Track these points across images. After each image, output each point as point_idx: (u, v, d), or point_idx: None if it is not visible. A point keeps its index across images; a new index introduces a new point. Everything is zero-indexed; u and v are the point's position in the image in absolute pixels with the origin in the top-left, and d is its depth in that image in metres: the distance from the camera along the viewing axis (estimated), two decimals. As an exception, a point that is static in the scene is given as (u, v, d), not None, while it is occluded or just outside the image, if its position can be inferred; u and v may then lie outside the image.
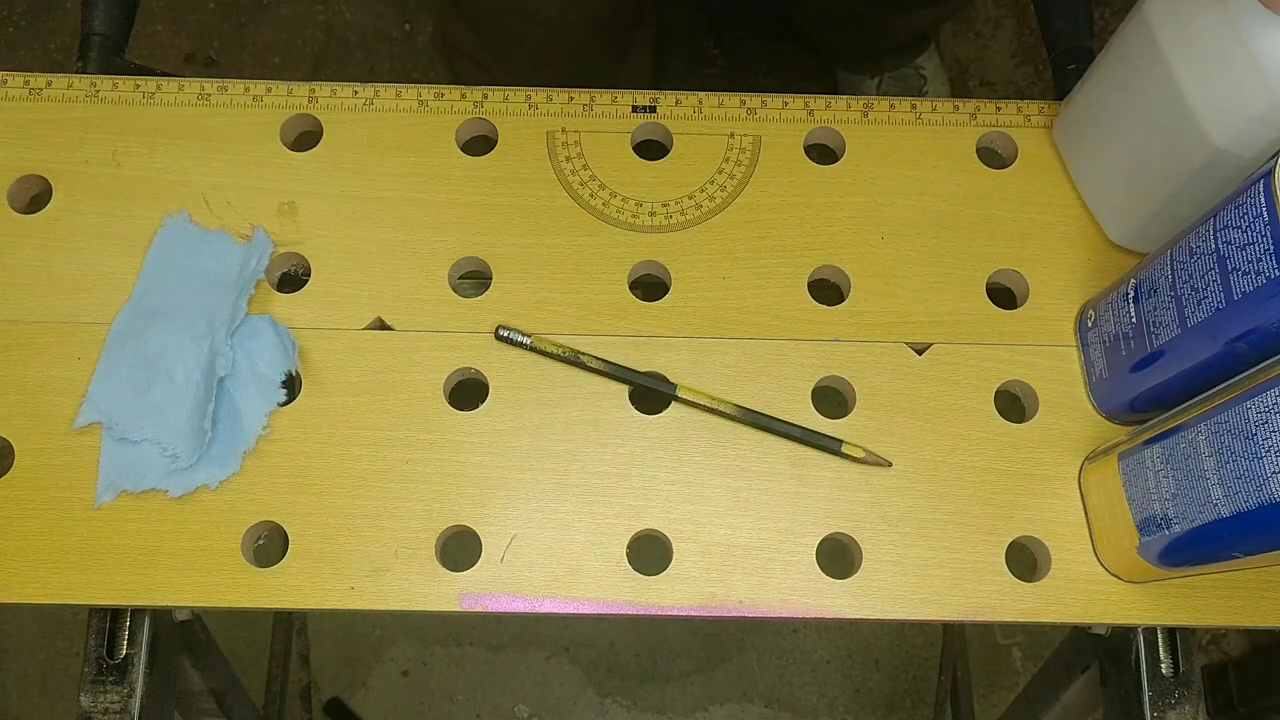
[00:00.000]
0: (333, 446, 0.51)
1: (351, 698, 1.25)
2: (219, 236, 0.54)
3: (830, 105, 0.58)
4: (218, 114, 0.57)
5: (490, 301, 0.54)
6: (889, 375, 0.53)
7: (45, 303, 0.53)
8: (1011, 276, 0.55)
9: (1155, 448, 0.45)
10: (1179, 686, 0.50)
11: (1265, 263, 0.40)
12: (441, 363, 0.52)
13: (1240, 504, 0.40)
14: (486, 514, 0.50)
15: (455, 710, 1.26)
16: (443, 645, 1.27)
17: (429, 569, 0.49)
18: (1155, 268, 0.47)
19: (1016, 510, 0.51)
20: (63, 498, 0.50)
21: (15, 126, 0.56)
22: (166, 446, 0.49)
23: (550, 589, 0.49)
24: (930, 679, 1.26)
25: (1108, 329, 0.51)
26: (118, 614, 0.50)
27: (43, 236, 0.54)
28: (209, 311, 0.52)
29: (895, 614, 0.49)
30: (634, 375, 0.50)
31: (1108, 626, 0.53)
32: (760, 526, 0.50)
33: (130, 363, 0.51)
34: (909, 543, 0.50)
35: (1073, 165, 0.57)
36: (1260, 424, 0.39)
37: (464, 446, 0.51)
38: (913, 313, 0.54)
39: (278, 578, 0.49)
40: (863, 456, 0.41)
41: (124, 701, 0.49)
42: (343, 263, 0.54)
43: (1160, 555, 0.46)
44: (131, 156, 0.56)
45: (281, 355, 0.51)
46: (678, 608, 0.49)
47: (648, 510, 0.50)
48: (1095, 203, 0.56)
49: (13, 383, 0.51)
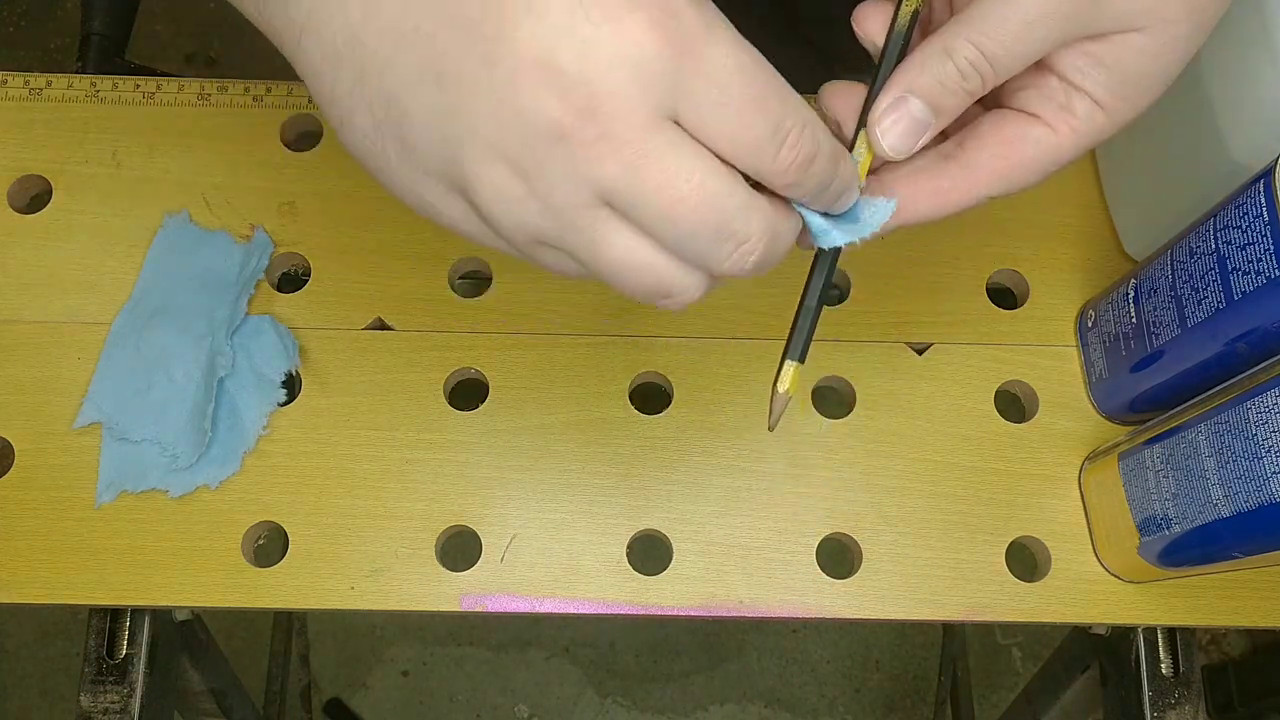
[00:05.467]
0: (333, 446, 0.51)
1: (351, 698, 1.25)
2: (219, 236, 0.54)
3: (830, 105, 0.58)
4: (218, 114, 0.57)
5: (490, 301, 0.54)
6: (889, 375, 0.53)
7: (45, 303, 0.53)
8: (1011, 276, 0.55)
9: (1155, 448, 0.45)
10: (1179, 686, 0.50)
11: (1265, 263, 0.40)
12: (441, 363, 0.52)
13: (1240, 504, 0.40)
14: (486, 514, 0.50)
15: (455, 710, 1.26)
16: (443, 645, 1.27)
17: (429, 569, 0.49)
18: (1155, 268, 0.47)
19: (1016, 510, 0.51)
20: (63, 498, 0.50)
21: (15, 126, 0.56)
22: (166, 446, 0.49)
23: (550, 589, 0.49)
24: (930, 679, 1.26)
25: (1108, 329, 0.51)
26: (118, 614, 0.50)
27: (43, 236, 0.54)
28: (209, 311, 0.52)
29: (895, 614, 0.49)
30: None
31: (1108, 626, 0.53)
32: (760, 526, 0.50)
33: (130, 363, 0.51)
34: (909, 543, 0.50)
35: (1104, 172, 0.56)
36: (1260, 424, 0.39)
37: (464, 446, 0.51)
38: (913, 313, 0.54)
39: (278, 578, 0.49)
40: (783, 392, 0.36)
41: (124, 701, 0.49)
42: (343, 263, 0.54)
43: (1160, 555, 0.46)
44: (131, 156, 0.56)
45: (281, 355, 0.51)
46: (678, 608, 0.49)
47: (648, 510, 0.50)
48: (1117, 213, 0.55)
49: (13, 383, 0.51)
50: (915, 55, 0.34)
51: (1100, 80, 0.35)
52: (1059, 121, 0.35)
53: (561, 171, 0.27)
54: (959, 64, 0.33)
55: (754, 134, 0.28)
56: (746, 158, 0.28)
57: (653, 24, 0.26)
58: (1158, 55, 0.34)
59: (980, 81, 0.34)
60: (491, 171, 0.28)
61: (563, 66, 0.26)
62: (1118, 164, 0.55)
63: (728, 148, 0.28)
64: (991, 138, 0.36)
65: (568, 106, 0.26)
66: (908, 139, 0.34)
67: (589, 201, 0.28)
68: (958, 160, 0.36)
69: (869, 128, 0.35)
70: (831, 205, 0.32)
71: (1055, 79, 0.35)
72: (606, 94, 0.26)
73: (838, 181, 0.31)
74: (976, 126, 0.36)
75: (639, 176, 0.27)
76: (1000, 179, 0.36)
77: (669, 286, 0.30)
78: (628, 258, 0.29)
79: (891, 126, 0.34)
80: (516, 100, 0.26)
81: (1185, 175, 0.49)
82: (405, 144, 0.29)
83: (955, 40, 0.33)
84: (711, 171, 0.28)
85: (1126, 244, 0.55)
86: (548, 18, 0.26)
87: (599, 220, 0.28)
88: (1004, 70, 0.34)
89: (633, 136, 0.27)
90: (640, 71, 0.26)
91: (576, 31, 0.26)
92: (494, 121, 0.27)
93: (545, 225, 0.28)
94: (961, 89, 0.34)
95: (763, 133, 0.28)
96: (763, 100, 0.28)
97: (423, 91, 0.28)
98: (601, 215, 0.28)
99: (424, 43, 0.27)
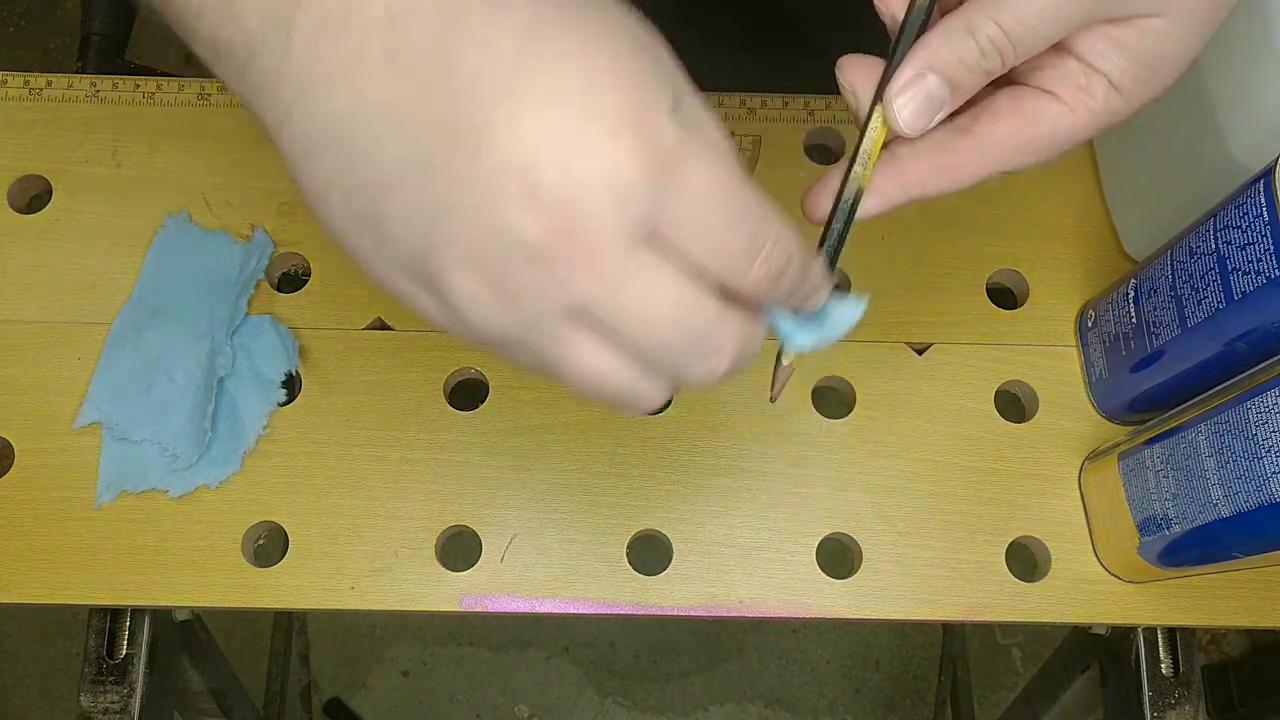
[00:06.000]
0: (333, 446, 0.51)
1: (351, 698, 1.25)
2: (219, 236, 0.54)
3: (830, 105, 0.58)
4: (218, 114, 0.57)
5: (490, 301, 0.54)
6: (889, 375, 0.53)
7: (45, 303, 0.53)
8: (1011, 276, 0.55)
9: (1155, 448, 0.45)
10: (1179, 686, 0.50)
11: (1265, 263, 0.40)
12: (441, 363, 0.52)
13: (1240, 504, 0.40)
14: (486, 514, 0.50)
15: (455, 710, 1.26)
16: (443, 645, 1.27)
17: (429, 569, 0.49)
18: (1155, 268, 0.47)
19: (1016, 510, 0.51)
20: (63, 498, 0.50)
21: (15, 126, 0.56)
22: (166, 446, 0.49)
23: (550, 589, 0.49)
24: (930, 679, 1.26)
25: (1108, 329, 0.51)
26: (118, 614, 0.50)
27: (43, 236, 0.54)
28: (209, 311, 0.52)
29: (895, 614, 0.49)
30: None
31: (1108, 626, 0.53)
32: (760, 526, 0.50)
33: (130, 363, 0.51)
34: (909, 543, 0.50)
35: (1104, 172, 0.56)
36: (1260, 424, 0.39)
37: (464, 446, 0.51)
38: (913, 313, 0.54)
39: (278, 578, 0.49)
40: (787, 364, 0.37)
41: (124, 701, 0.49)
42: (343, 263, 0.54)
43: (1160, 555, 0.46)
44: (131, 156, 0.56)
45: (281, 355, 0.51)
46: (678, 608, 0.49)
47: (648, 510, 0.50)
48: (1117, 213, 0.55)
49: (13, 383, 0.51)
50: (936, 31, 0.34)
51: (1119, 64, 0.35)
52: (1077, 102, 0.35)
53: (536, 287, 0.27)
54: (980, 41, 0.33)
55: (730, 250, 0.28)
56: (721, 271, 0.28)
57: (635, 147, 0.26)
58: (1177, 40, 0.35)
59: (999, 60, 0.34)
60: (465, 278, 0.28)
61: (544, 184, 0.26)
62: (1118, 164, 0.55)
63: (703, 261, 0.28)
64: (1007, 113, 0.36)
65: (546, 225, 0.26)
66: (923, 116, 0.35)
67: (561, 316, 0.28)
68: (971, 134, 0.36)
69: (885, 103, 0.35)
70: (801, 306, 0.33)
71: (1074, 60, 0.35)
72: (586, 214, 0.26)
73: (806, 286, 0.31)
74: (992, 101, 0.36)
75: (614, 297, 0.27)
76: (1014, 155, 0.36)
77: (635, 396, 0.30)
78: (597, 370, 0.29)
79: (908, 103, 0.34)
80: (495, 213, 0.26)
81: (1185, 175, 0.49)
82: (382, 236, 0.29)
83: (978, 18, 0.33)
84: (686, 289, 0.28)
85: (1126, 244, 0.55)
86: (530, 134, 0.26)
87: (570, 333, 0.28)
88: (1024, 50, 0.34)
89: (610, 258, 0.27)
90: (620, 193, 0.26)
91: (560, 150, 0.26)
92: (472, 231, 0.27)
93: (515, 331, 0.28)
94: (980, 67, 0.34)
95: (739, 248, 0.28)
96: (739, 218, 0.28)
97: (404, 190, 0.27)
98: (573, 328, 0.28)
99: (410, 136, 0.27)
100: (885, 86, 0.35)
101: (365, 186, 0.28)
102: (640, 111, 0.26)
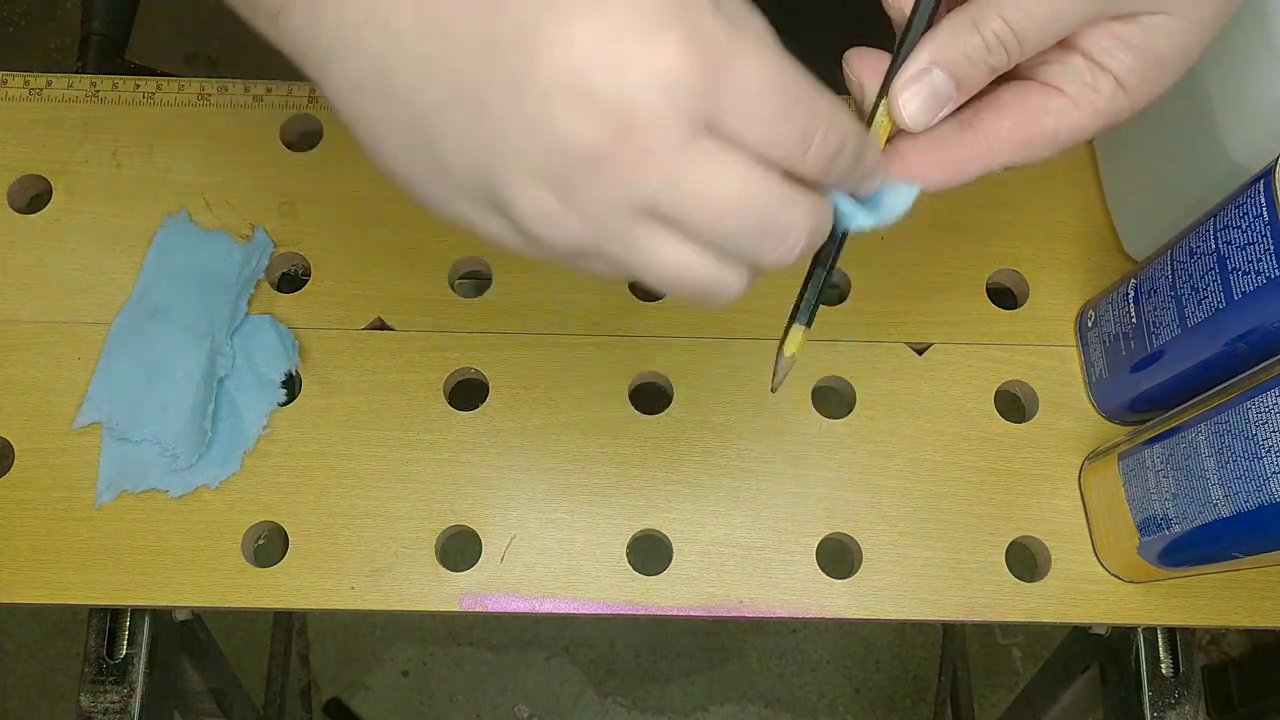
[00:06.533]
0: (333, 446, 0.51)
1: (351, 698, 1.25)
2: (219, 236, 0.54)
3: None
4: (218, 114, 0.57)
5: (490, 301, 0.54)
6: (889, 375, 0.53)
7: (45, 303, 0.53)
8: (1011, 276, 0.55)
9: (1155, 448, 0.45)
10: (1179, 686, 0.50)
11: (1265, 263, 0.40)
12: (441, 363, 0.52)
13: (1240, 504, 0.40)
14: (486, 514, 0.50)
15: (455, 710, 1.26)
16: (443, 645, 1.27)
17: (429, 569, 0.49)
18: (1155, 268, 0.47)
19: (1016, 510, 0.51)
20: (63, 498, 0.50)
21: (15, 126, 0.56)
22: (166, 446, 0.49)
23: (550, 589, 0.49)
24: (930, 679, 1.26)
25: (1108, 329, 0.51)
26: (118, 614, 0.50)
27: (43, 236, 0.54)
28: (209, 311, 0.52)
29: (895, 614, 0.49)
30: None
31: (1108, 626, 0.53)
32: (760, 526, 0.50)
33: (130, 363, 0.51)
34: (909, 543, 0.50)
35: (1104, 172, 0.56)
36: (1260, 424, 0.39)
37: (464, 446, 0.51)
38: (913, 313, 0.54)
39: (278, 578, 0.49)
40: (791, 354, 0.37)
41: (124, 701, 0.49)
42: (343, 263, 0.54)
43: (1160, 555, 0.46)
44: (131, 156, 0.56)
45: (281, 355, 0.51)
46: (678, 608, 0.49)
47: (648, 510, 0.50)
48: (1117, 213, 0.55)
49: (13, 383, 0.51)
50: (943, 26, 0.34)
51: (1125, 61, 0.35)
52: (1082, 99, 0.36)
53: (602, 190, 0.27)
54: (986, 37, 0.34)
55: (785, 139, 0.29)
56: (779, 159, 0.29)
57: (682, 43, 0.26)
58: (1182, 38, 0.35)
59: (1005, 56, 0.34)
60: (530, 193, 0.28)
61: (596, 90, 0.26)
62: (1118, 164, 0.55)
63: (761, 151, 0.28)
64: (1012, 108, 0.36)
65: (604, 128, 0.26)
66: (928, 111, 0.35)
67: (631, 215, 0.28)
68: (976, 129, 0.36)
69: (890, 98, 0.35)
70: (858, 188, 0.33)
71: (1080, 57, 0.35)
72: (641, 114, 0.26)
73: (862, 167, 0.32)
74: (997, 96, 0.36)
75: (680, 189, 0.28)
76: (1019, 150, 0.36)
77: (715, 283, 0.30)
78: (675, 263, 0.29)
79: (913, 97, 0.35)
80: (551, 125, 0.27)
81: (1185, 175, 0.49)
82: (439, 165, 0.29)
83: (984, 13, 0.34)
84: (750, 174, 0.28)
85: (1126, 244, 0.55)
86: (577, 40, 0.26)
87: (643, 231, 0.29)
88: (1030, 47, 0.34)
89: (670, 152, 0.27)
90: (673, 90, 0.27)
91: (608, 55, 0.26)
92: (529, 146, 0.27)
93: (588, 240, 0.29)
94: (986, 63, 0.34)
95: (793, 137, 0.29)
96: (791, 106, 0.28)
97: (453, 117, 0.28)
98: (645, 226, 0.29)
99: (452, 69, 0.27)
100: (891, 80, 0.35)
101: (414, 119, 0.28)
102: (684, 9, 0.27)
